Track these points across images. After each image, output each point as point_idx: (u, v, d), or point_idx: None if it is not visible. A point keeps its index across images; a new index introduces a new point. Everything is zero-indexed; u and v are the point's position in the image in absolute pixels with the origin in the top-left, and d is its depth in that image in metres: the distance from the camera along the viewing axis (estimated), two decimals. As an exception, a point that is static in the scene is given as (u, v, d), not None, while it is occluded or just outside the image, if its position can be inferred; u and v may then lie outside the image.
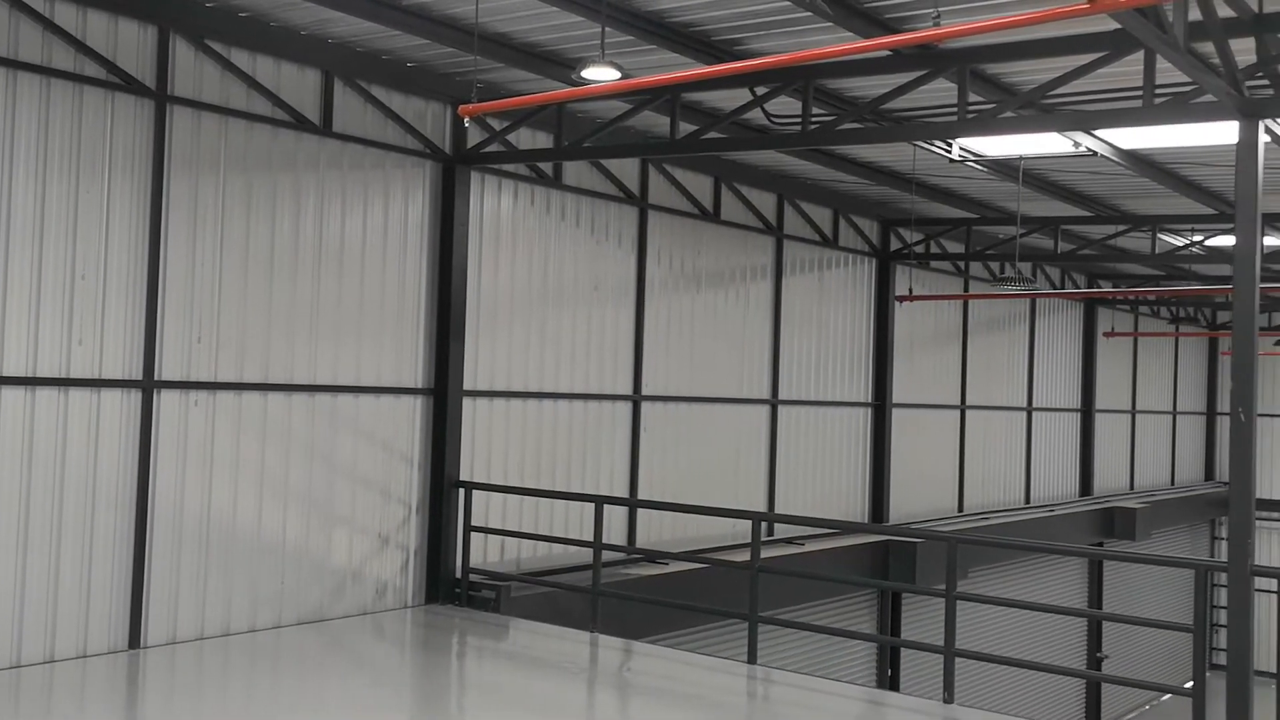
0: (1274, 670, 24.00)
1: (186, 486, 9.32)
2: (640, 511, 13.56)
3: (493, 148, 11.50)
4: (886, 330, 17.83)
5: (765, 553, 14.63)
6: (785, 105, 11.14)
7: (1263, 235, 16.79)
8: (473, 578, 11.30)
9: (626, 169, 13.46)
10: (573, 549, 12.23)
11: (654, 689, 9.49)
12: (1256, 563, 7.94)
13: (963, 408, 20.07)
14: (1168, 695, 24.08)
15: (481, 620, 10.84)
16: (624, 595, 11.47)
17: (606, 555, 12.54)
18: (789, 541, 15.44)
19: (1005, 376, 21.58)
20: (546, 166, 12.39)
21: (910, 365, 18.62)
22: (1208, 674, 8.47)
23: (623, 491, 13.46)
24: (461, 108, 9.03)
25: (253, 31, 9.65)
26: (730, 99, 11.12)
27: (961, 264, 19.63)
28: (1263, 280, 22.78)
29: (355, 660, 9.68)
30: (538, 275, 12.42)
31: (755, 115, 11.45)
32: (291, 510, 10.06)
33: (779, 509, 15.76)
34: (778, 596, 14.14)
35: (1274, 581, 26.77)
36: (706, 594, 12.40)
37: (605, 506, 11.44)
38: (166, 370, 9.20)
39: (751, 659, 9.93)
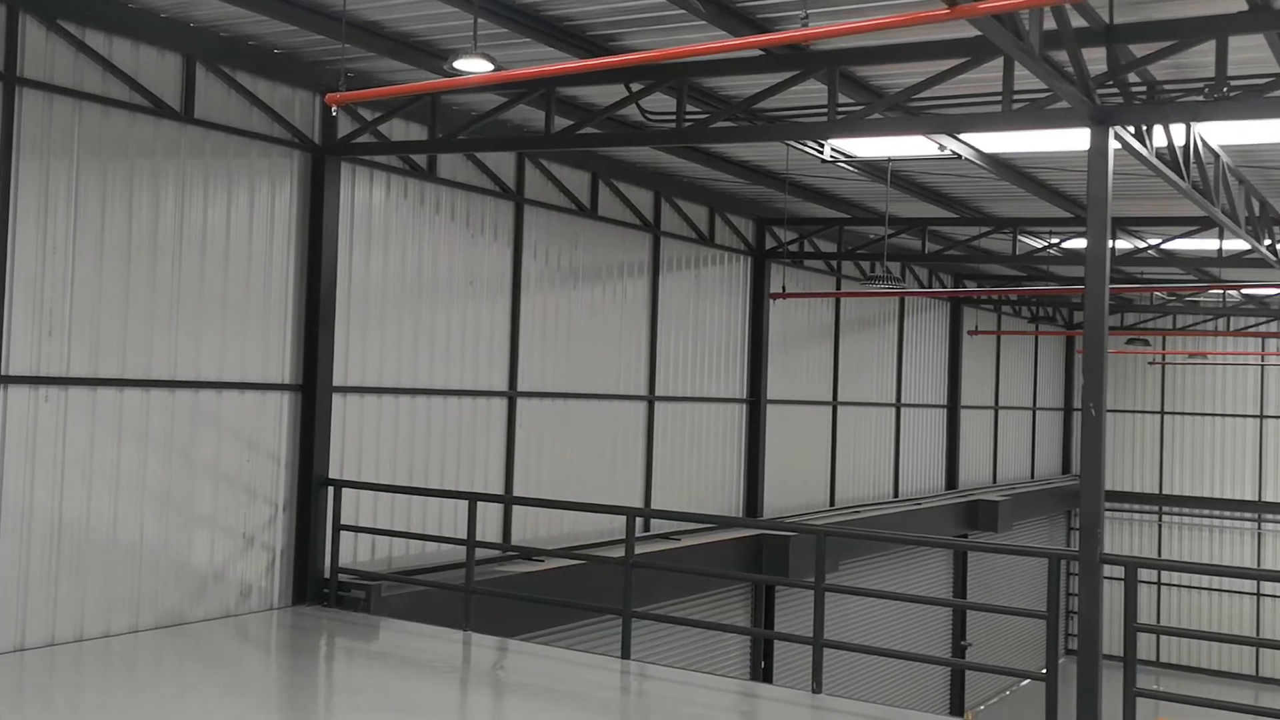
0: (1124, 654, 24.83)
1: (36, 487, 8.89)
2: (516, 508, 13.49)
3: (364, 138, 11.27)
4: (761, 327, 18.09)
5: (642, 548, 14.75)
6: (661, 102, 11.21)
7: (1115, 238, 17.64)
8: (342, 578, 11.07)
9: (502, 163, 13.35)
10: (446, 547, 12.09)
11: (527, 686, 9.44)
12: (1107, 551, 8.28)
13: (835, 404, 20.50)
14: (1027, 680, 25.05)
15: (351, 621, 10.62)
16: (498, 593, 11.38)
17: (482, 553, 12.43)
18: (665, 537, 15.54)
19: (876, 373, 22.12)
20: (420, 159, 12.20)
21: (784, 362, 18.93)
22: (1063, 659, 8.82)
23: (498, 488, 13.35)
24: (329, 96, 8.81)
25: (109, 12, 9.26)
26: (606, 95, 11.12)
27: (834, 263, 20.03)
28: (1115, 281, 23.79)
29: (216, 664, 9.38)
30: (411, 269, 12.23)
31: (631, 112, 11.49)
32: (149, 511, 9.68)
33: (656, 505, 15.85)
34: (654, 592, 14.22)
35: (1139, 571, 28.02)
36: (583, 590, 12.38)
37: (480, 503, 11.32)
38: (14, 365, 8.76)
39: (625, 654, 9.94)
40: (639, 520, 15.53)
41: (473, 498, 11.07)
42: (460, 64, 8.21)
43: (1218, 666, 29.22)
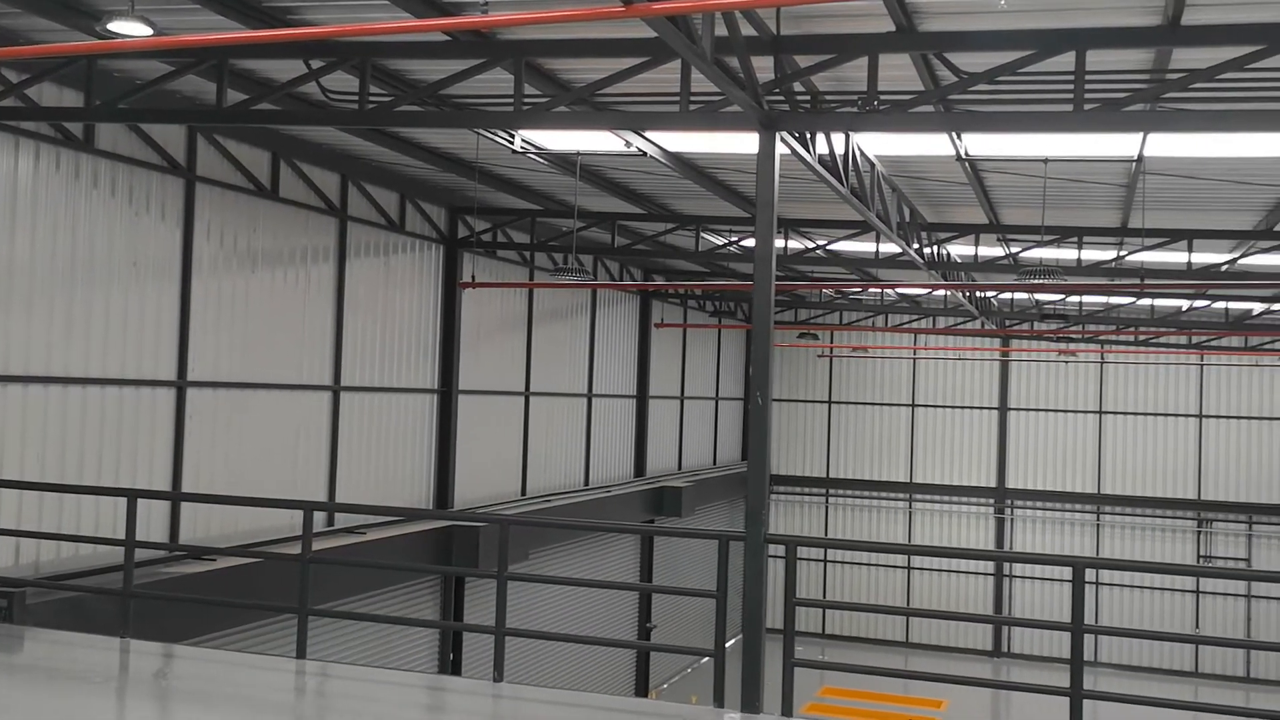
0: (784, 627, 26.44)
1: None
2: (187, 506, 12.66)
3: (10, 102, 10.20)
4: (454, 317, 17.93)
5: (326, 544, 14.29)
6: (346, 82, 10.83)
7: (787, 239, 18.79)
8: (-22, 586, 9.98)
9: (171, 136, 12.48)
10: (108, 549, 11.17)
11: (192, 693, 8.87)
12: (778, 532, 8.78)
13: (527, 394, 20.66)
14: (707, 658, 26.31)
15: (-12, 633, 9.59)
16: (159, 595, 10.65)
17: (150, 554, 11.62)
18: (351, 531, 15.13)
19: (568, 364, 22.48)
20: (76, 128, 11.19)
21: (477, 352, 18.87)
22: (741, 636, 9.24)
23: (165, 485, 12.49)
24: (-39, 52, 7.91)
25: None
26: (286, 70, 10.63)
27: (527, 254, 20.16)
28: (789, 279, 25.24)
29: None
30: (64, 247, 11.19)
31: (314, 90, 11.04)
32: None
33: (342, 498, 15.36)
34: (339, 588, 13.82)
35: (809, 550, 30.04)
36: (260, 589, 11.83)
37: (143, 501, 10.52)
38: None
39: (301, 654, 9.56)
40: (325, 514, 15.05)
41: (131, 494, 10.24)
42: (116, 26, 7.58)
43: (877, 636, 31.89)
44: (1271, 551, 29.41)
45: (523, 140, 12.86)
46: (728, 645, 8.71)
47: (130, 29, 7.52)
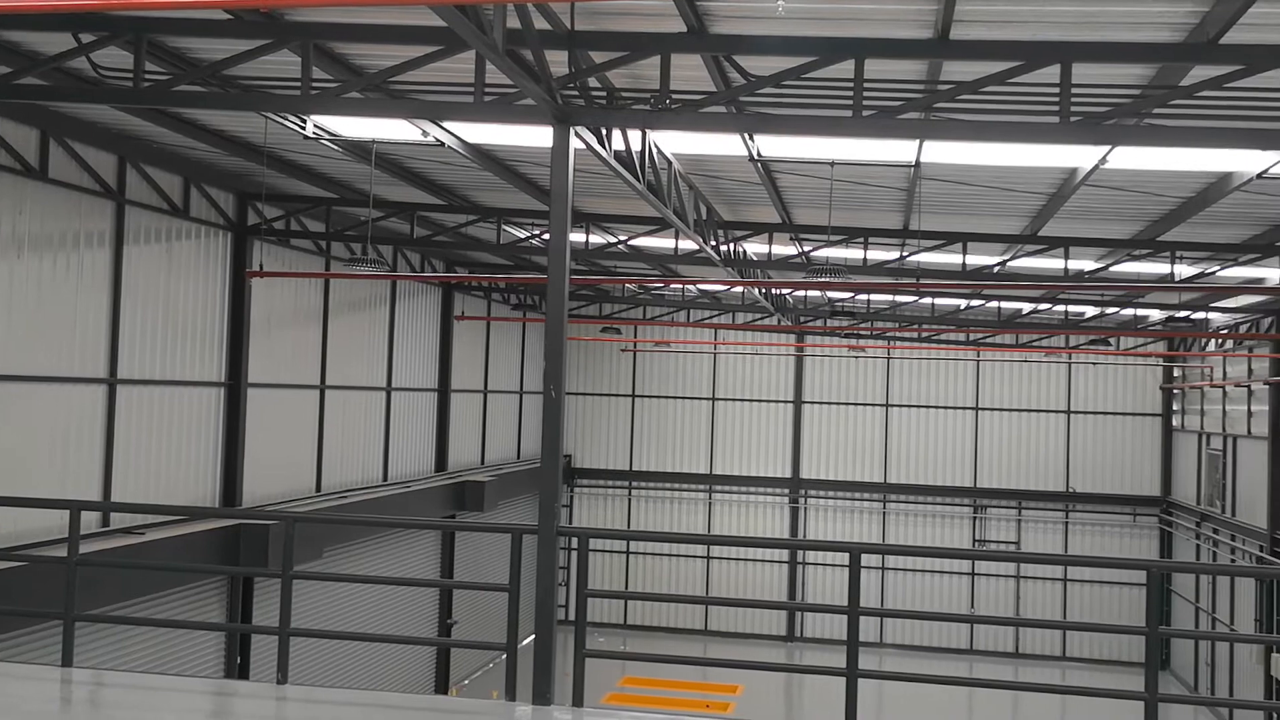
0: (575, 618, 26.92)
1: None
2: (-61, 508, 11.76)
3: None
4: (243, 308, 17.23)
5: (100, 545, 13.52)
6: (123, 59, 10.25)
7: (589, 233, 18.91)
8: None
9: (-77, 109, 11.55)
10: None
11: (-61, 709, 8.24)
12: (580, 525, 8.82)
13: (323, 388, 20.08)
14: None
15: None
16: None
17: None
18: (129, 531, 14.37)
19: (366, 357, 21.97)
20: None
21: (269, 345, 18.21)
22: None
23: (-86, 485, 11.56)
24: None
25: None
26: (54, 43, 9.97)
27: (322, 243, 19.58)
28: (592, 273, 25.35)
29: None
30: None
31: (85, 66, 10.40)
32: None
33: (119, 496, 14.55)
34: (117, 591, 13.13)
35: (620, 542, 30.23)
36: (26, 595, 11.08)
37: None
38: None
39: (67, 662, 9.02)
40: (100, 514, 14.23)
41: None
42: None
43: (678, 625, 32.54)
44: (1039, 534, 31.60)
45: (315, 126, 12.48)
46: (527, 641, 8.73)
47: None
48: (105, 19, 8.94)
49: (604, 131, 10.29)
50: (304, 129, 12.39)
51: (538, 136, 12.18)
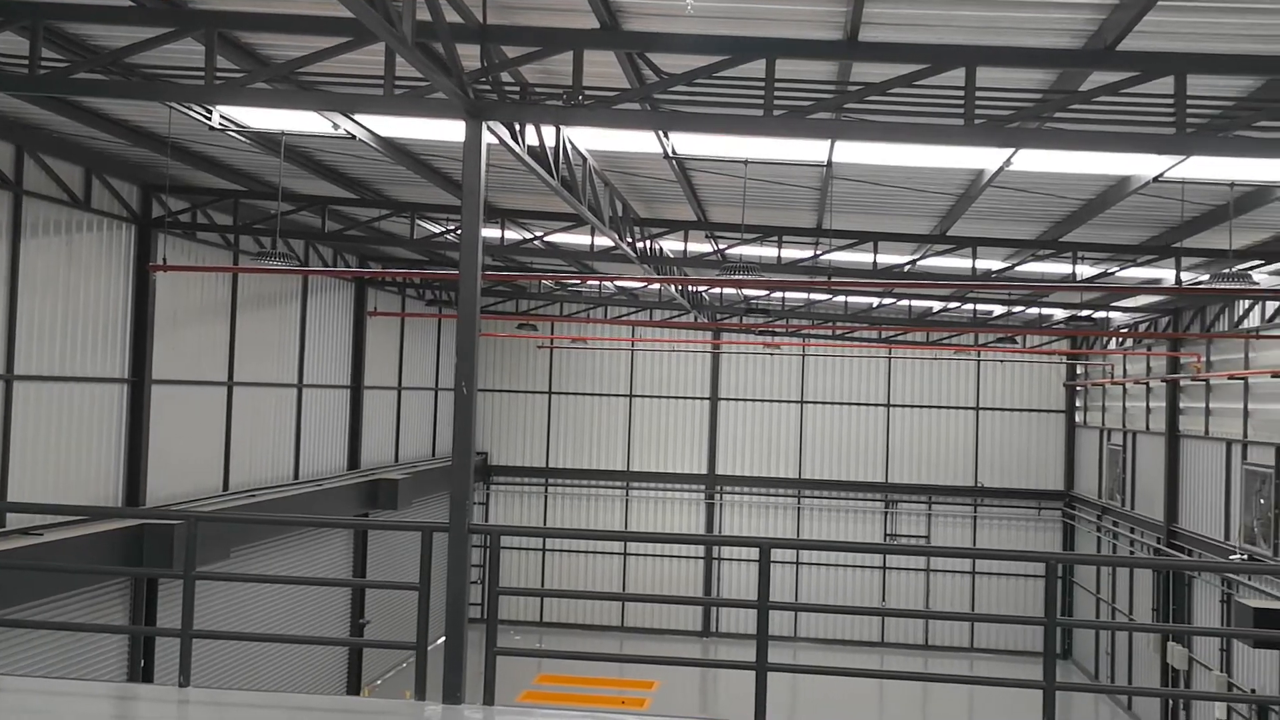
0: (486, 616, 26.76)
1: None
2: None
3: None
4: (147, 303, 16.79)
5: (-10, 547, 13.08)
6: (17, 44, 9.91)
7: (505, 229, 18.81)
8: None
9: None
10: None
11: None
12: (494, 522, 8.76)
13: (230, 384, 19.67)
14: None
15: None
16: None
17: None
18: (26, 532, 13.92)
19: (276, 353, 21.57)
20: None
21: (175, 340, 17.78)
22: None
23: None
24: None
25: None
26: (-58, 26, 9.60)
27: (230, 237, 19.17)
28: (508, 270, 25.19)
29: None
30: None
31: (-23, 50, 10.04)
32: None
33: (16, 496, 14.11)
34: (13, 593, 12.75)
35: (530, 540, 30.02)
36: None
37: None
38: None
39: (-46, 668, 8.72)
40: (-8, 516, 13.78)
41: None
42: None
43: (594, 622, 32.55)
44: (948, 528, 32.26)
45: (221, 117, 12.22)
46: (439, 640, 8.64)
47: None
48: (3, 5, 8.64)
49: (517, 127, 10.24)
50: (210, 120, 12.13)
51: (451, 131, 12.07)
